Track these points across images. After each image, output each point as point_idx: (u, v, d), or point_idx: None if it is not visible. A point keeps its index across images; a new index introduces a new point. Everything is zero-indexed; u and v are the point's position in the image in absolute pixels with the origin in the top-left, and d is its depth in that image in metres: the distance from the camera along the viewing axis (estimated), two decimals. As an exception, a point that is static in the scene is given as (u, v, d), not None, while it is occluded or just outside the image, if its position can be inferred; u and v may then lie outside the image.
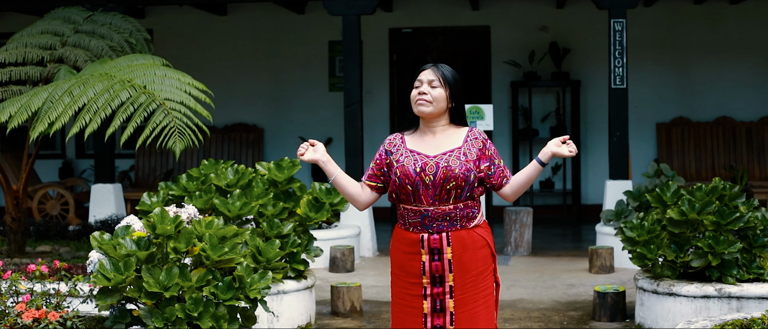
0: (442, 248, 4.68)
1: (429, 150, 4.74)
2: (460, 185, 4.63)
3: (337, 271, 10.30)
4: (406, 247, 4.76)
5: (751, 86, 14.74)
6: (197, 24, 15.35)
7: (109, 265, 5.57)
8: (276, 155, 15.14)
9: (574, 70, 14.91)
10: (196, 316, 5.54)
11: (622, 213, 10.56)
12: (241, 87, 15.39)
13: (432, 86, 4.72)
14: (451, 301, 4.69)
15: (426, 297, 4.72)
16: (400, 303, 4.81)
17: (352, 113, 11.53)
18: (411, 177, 4.67)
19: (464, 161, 4.66)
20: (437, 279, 4.70)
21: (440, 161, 4.66)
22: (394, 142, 4.85)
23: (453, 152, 4.69)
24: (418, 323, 4.73)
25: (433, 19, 15.21)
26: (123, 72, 8.60)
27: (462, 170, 4.63)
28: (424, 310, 4.72)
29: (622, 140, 11.21)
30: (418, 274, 4.72)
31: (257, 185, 7.77)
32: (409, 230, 4.75)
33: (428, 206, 4.67)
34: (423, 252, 4.71)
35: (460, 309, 4.69)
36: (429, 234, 4.70)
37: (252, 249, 6.36)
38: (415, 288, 4.74)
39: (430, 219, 4.68)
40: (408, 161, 4.72)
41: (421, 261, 4.71)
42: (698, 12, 14.70)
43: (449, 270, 4.68)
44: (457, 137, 4.76)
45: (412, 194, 4.69)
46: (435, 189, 4.64)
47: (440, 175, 4.63)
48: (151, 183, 14.72)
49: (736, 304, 7.13)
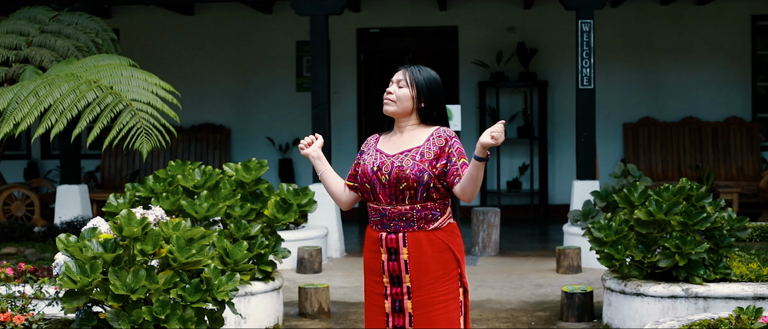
0: (398, 248, 4.68)
1: (391, 149, 4.75)
2: (412, 186, 4.61)
3: (304, 272, 10.27)
4: (370, 245, 4.81)
5: (717, 87, 14.85)
6: (164, 24, 15.27)
7: (75, 267, 5.51)
8: (243, 156, 15.09)
9: (542, 71, 14.96)
10: (163, 319, 5.50)
11: (590, 213, 10.60)
12: (208, 87, 15.32)
13: (399, 85, 4.75)
14: (409, 302, 4.68)
15: (387, 296, 4.73)
16: (368, 301, 4.84)
17: (319, 113, 11.50)
18: (368, 176, 4.71)
19: (419, 161, 4.62)
20: (395, 279, 4.70)
21: (395, 161, 4.66)
22: (369, 142, 4.90)
23: (410, 152, 4.67)
24: (381, 322, 4.75)
25: (401, 20, 15.21)
26: (89, 72, 8.52)
27: (414, 171, 4.60)
28: (386, 309, 4.74)
29: (589, 140, 11.25)
30: (379, 272, 4.75)
31: (225, 187, 7.73)
32: (373, 228, 4.79)
33: (386, 205, 4.68)
34: (382, 250, 4.72)
35: (418, 310, 4.67)
36: (387, 233, 4.71)
37: (219, 251, 6.32)
38: (378, 287, 4.77)
39: (387, 218, 4.69)
40: (369, 160, 4.76)
41: (381, 260, 4.74)
42: (665, 13, 14.79)
43: (405, 270, 4.67)
44: (422, 137, 4.74)
45: (371, 192, 4.72)
46: (390, 189, 4.65)
47: (393, 175, 4.63)
48: (118, 184, 14.62)
49: (703, 304, 7.17)
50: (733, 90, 14.85)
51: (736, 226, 7.58)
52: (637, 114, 14.90)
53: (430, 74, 4.81)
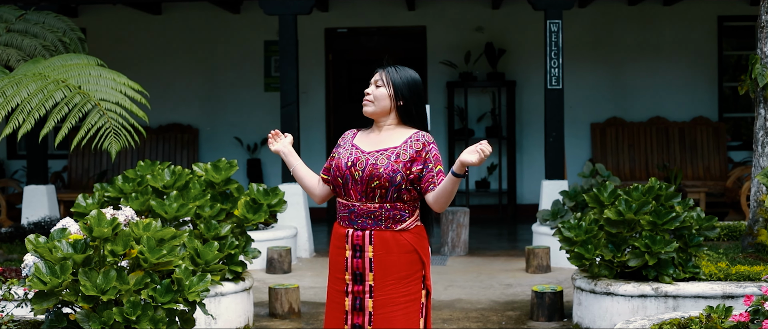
0: (363, 245, 4.67)
1: (367, 146, 4.74)
2: (384, 185, 4.60)
3: (274, 272, 10.24)
4: (335, 241, 4.80)
5: (684, 87, 14.94)
6: (131, 23, 15.17)
7: (45, 268, 5.46)
8: (211, 156, 15.02)
9: (510, 71, 14.99)
10: (134, 320, 5.46)
11: (559, 213, 10.64)
12: (175, 87, 15.23)
13: (376, 85, 4.76)
14: (371, 301, 4.67)
15: (347, 293, 4.71)
16: (329, 298, 4.83)
17: (288, 113, 11.47)
18: (342, 170, 4.70)
19: (393, 161, 4.62)
20: (358, 277, 4.68)
21: (370, 158, 4.66)
22: (346, 136, 4.89)
23: (386, 151, 4.67)
24: (340, 320, 4.72)
25: (369, 19, 15.20)
26: (57, 72, 8.43)
27: (387, 171, 4.60)
28: (345, 307, 4.71)
29: (558, 140, 11.28)
30: (342, 269, 4.73)
31: (194, 187, 7.69)
32: (340, 224, 4.78)
33: (356, 201, 4.68)
34: (347, 247, 4.71)
35: (378, 310, 4.65)
36: (353, 230, 4.70)
37: (190, 252, 6.28)
38: (340, 284, 4.75)
39: (356, 215, 4.68)
40: (344, 154, 4.75)
41: (345, 256, 4.72)
42: (632, 13, 14.87)
43: (369, 269, 4.66)
44: (399, 137, 4.74)
45: (343, 187, 4.71)
46: (362, 186, 4.64)
47: (367, 172, 4.63)
48: (85, 184, 14.51)
49: (673, 303, 7.21)
50: (700, 90, 14.95)
51: (705, 225, 7.62)
52: (605, 114, 14.97)
53: (408, 74, 4.81)
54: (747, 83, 8.71)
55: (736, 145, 15.02)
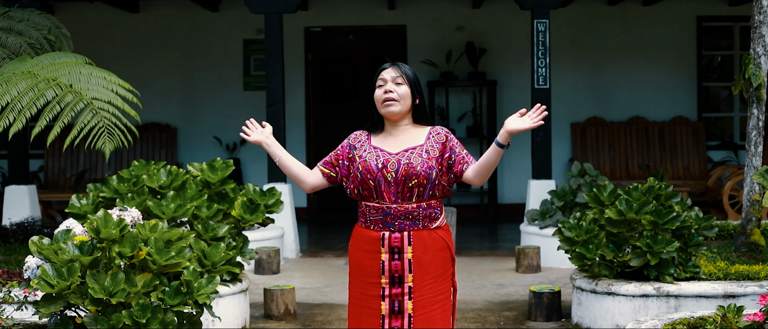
0: (402, 247, 4.60)
1: (391, 148, 4.67)
2: (422, 183, 4.56)
3: (263, 273, 10.15)
4: (365, 245, 4.67)
5: (664, 87, 14.99)
6: (108, 21, 14.99)
7: (52, 271, 5.35)
8: (190, 156, 14.89)
9: (491, 70, 14.97)
10: (143, 323, 5.36)
11: (547, 213, 10.62)
12: (153, 86, 15.06)
13: (396, 83, 4.66)
14: (410, 303, 4.59)
15: (384, 297, 4.62)
16: (358, 303, 4.70)
17: (274, 112, 11.37)
18: (373, 173, 4.60)
19: (426, 158, 4.59)
20: (396, 279, 4.60)
21: (402, 158, 4.60)
22: (360, 138, 4.79)
23: (415, 150, 4.63)
24: (375, 324, 4.63)
25: (349, 18, 15.11)
26: (46, 70, 8.29)
27: (424, 168, 4.56)
28: (381, 311, 4.62)
29: (545, 140, 11.26)
30: (377, 274, 4.63)
31: (191, 187, 7.59)
32: (370, 228, 4.66)
33: (390, 203, 4.60)
34: (383, 250, 4.62)
35: (418, 311, 4.59)
36: (390, 232, 4.61)
37: (197, 253, 6.19)
38: (373, 289, 4.64)
39: (392, 217, 4.60)
40: (370, 157, 4.66)
41: (380, 260, 4.62)
42: (612, 13, 14.90)
43: (409, 270, 4.59)
44: (420, 136, 4.70)
45: (374, 190, 4.62)
46: (397, 186, 4.57)
47: (402, 172, 4.56)
48: (62, 184, 14.32)
49: (675, 303, 7.20)
50: (679, 90, 15.01)
51: (704, 225, 7.63)
52: (585, 114, 14.99)
53: (413, 71, 4.80)
54: (740, 82, 8.71)
55: (715, 144, 15.08)
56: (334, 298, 9.06)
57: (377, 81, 4.73)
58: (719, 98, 15.52)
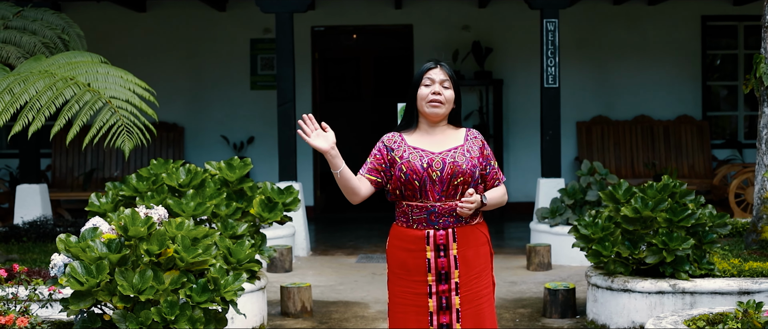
0: (448, 244, 4.65)
1: (433, 147, 4.71)
2: (467, 180, 4.63)
3: (275, 271, 10.20)
4: (409, 245, 4.69)
5: (669, 86, 15.06)
6: (116, 20, 15.03)
7: (80, 268, 5.40)
8: (196, 155, 14.94)
9: (497, 70, 15.03)
10: (172, 319, 5.42)
11: (558, 211, 10.68)
12: (160, 85, 14.99)
13: (444, 86, 4.70)
14: (457, 298, 4.65)
15: (431, 295, 4.66)
16: (403, 302, 4.72)
17: (285, 112, 11.42)
18: (419, 173, 4.63)
19: (469, 158, 4.66)
20: (443, 276, 4.66)
21: (446, 157, 4.65)
22: (394, 139, 4.78)
23: (457, 149, 4.68)
24: (423, 322, 4.66)
25: (355, 18, 15.16)
26: (63, 69, 8.34)
27: (469, 166, 4.63)
28: (429, 309, 4.67)
29: (554, 138, 11.33)
30: (423, 272, 4.66)
31: (209, 186, 7.64)
32: (413, 227, 4.69)
33: (435, 202, 4.64)
34: (428, 248, 4.66)
35: (465, 306, 4.66)
36: (435, 230, 4.66)
37: (223, 250, 6.24)
38: (420, 287, 4.67)
39: (436, 215, 4.65)
40: (414, 157, 4.67)
41: (426, 259, 4.67)
42: (617, 13, 14.96)
43: (455, 266, 4.65)
44: (458, 136, 4.76)
45: (419, 190, 4.65)
46: (442, 185, 4.62)
47: (448, 171, 4.61)
48: (70, 183, 14.36)
49: (690, 299, 7.26)
50: (684, 89, 15.08)
51: (718, 222, 7.70)
52: (590, 113, 15.05)
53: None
54: (752, 81, 8.78)
55: (720, 143, 15.15)
56: (348, 296, 9.11)
57: (423, 79, 4.73)
58: (723, 96, 15.58)
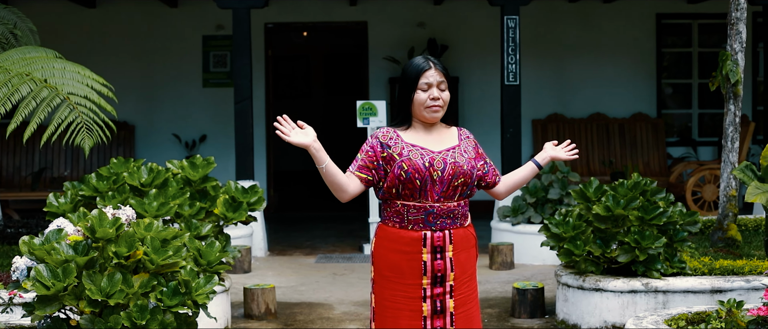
0: (444, 246, 4.47)
1: (432, 146, 4.51)
2: (467, 181, 4.46)
3: (234, 272, 10.00)
4: (403, 247, 4.48)
5: (624, 84, 15.06)
6: (64, 16, 14.69)
7: (46, 272, 5.18)
8: (148, 153, 14.65)
9: (452, 67, 14.91)
10: (142, 324, 5.21)
11: (519, 209, 10.59)
12: (110, 82, 14.65)
13: (440, 88, 4.48)
14: (451, 301, 4.50)
15: (425, 298, 4.48)
16: (393, 306, 4.50)
17: (243, 109, 11.21)
18: (421, 171, 4.41)
19: (468, 158, 4.50)
20: (438, 279, 4.48)
21: (446, 157, 4.46)
22: (390, 135, 4.52)
23: (455, 149, 4.51)
24: (417, 326, 4.47)
25: (310, 15, 14.96)
26: (18, 65, 8.07)
27: (469, 167, 4.47)
28: (423, 313, 4.48)
29: (515, 136, 11.25)
30: (417, 275, 4.47)
31: (172, 185, 7.42)
32: (408, 228, 4.48)
33: (434, 202, 4.44)
34: (424, 250, 4.47)
35: (459, 309, 4.51)
36: (432, 232, 4.47)
37: (193, 252, 6.03)
38: (413, 290, 4.47)
39: (434, 216, 4.45)
40: (414, 155, 4.45)
41: (421, 261, 4.47)
42: (572, 10, 14.92)
43: (451, 268, 4.50)
44: (452, 135, 4.59)
45: (419, 189, 4.44)
46: (442, 185, 4.43)
47: (449, 171, 4.42)
48: (18, 183, 14.01)
49: (663, 298, 7.19)
50: (639, 87, 15.09)
51: (688, 220, 7.65)
52: (546, 110, 15.00)
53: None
54: (718, 79, 8.74)
55: (674, 141, 15.20)
56: (311, 297, 8.94)
57: (419, 81, 4.46)
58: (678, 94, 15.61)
